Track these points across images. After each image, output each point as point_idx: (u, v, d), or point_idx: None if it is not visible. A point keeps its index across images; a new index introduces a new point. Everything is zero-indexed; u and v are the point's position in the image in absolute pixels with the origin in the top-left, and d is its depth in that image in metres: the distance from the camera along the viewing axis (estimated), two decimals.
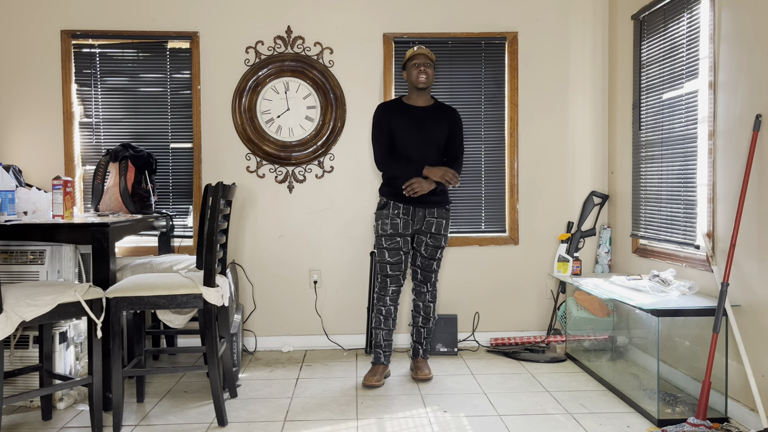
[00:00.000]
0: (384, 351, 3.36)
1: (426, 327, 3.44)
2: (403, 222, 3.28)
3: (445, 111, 3.41)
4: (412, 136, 3.31)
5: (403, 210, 3.28)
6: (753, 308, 2.62)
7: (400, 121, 3.32)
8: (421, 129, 3.32)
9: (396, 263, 3.28)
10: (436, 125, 3.33)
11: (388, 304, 3.32)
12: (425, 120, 3.33)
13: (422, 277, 3.38)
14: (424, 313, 3.42)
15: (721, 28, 2.83)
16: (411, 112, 3.35)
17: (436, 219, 3.32)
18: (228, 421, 2.76)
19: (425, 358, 3.46)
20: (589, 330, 3.63)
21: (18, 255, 3.05)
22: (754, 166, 2.61)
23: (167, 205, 3.95)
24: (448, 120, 3.38)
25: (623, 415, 2.82)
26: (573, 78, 4.02)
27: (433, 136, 3.32)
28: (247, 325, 3.98)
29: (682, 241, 3.16)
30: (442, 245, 3.36)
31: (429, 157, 3.30)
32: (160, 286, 2.64)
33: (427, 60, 3.30)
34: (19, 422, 2.77)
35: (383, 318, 3.33)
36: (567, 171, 4.04)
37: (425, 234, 3.32)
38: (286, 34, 3.93)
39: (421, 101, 3.37)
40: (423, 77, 3.28)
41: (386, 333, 3.35)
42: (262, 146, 3.91)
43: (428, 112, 3.36)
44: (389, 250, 3.27)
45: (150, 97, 3.93)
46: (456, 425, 2.71)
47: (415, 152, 3.30)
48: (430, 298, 3.41)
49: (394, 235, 3.26)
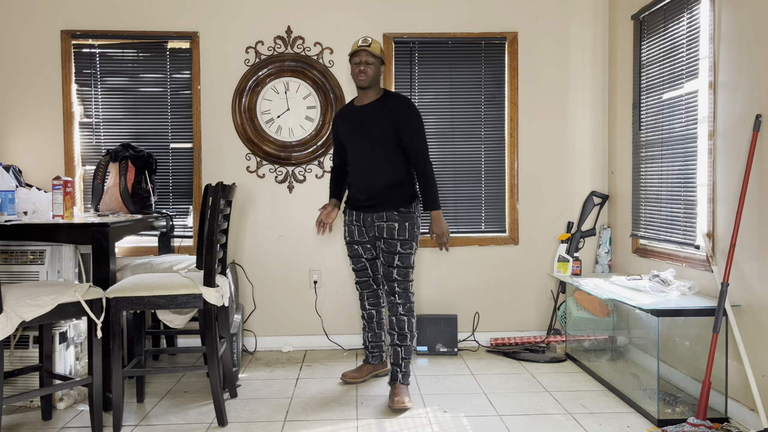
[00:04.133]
0: (371, 351, 3.36)
1: (403, 345, 3.03)
2: (357, 229, 3.16)
3: (390, 102, 3.02)
4: (352, 141, 3.06)
5: (355, 217, 3.16)
6: (753, 308, 2.62)
7: (344, 127, 3.11)
8: (360, 131, 3.02)
9: (360, 269, 3.25)
10: (377, 122, 2.98)
11: (368, 308, 3.31)
12: (365, 119, 3.02)
13: (386, 286, 3.06)
14: (398, 329, 3.03)
15: (721, 28, 2.83)
16: (353, 114, 3.08)
17: (386, 223, 3.01)
18: (228, 421, 2.76)
19: (404, 383, 3.03)
20: (589, 330, 3.63)
21: (18, 255, 3.05)
22: (754, 166, 2.61)
23: (167, 205, 3.95)
24: (392, 112, 2.98)
25: (623, 415, 2.82)
26: (573, 78, 4.02)
27: (376, 136, 2.98)
28: (247, 325, 3.98)
29: (682, 241, 3.16)
30: (397, 251, 3.00)
31: (374, 162, 2.99)
32: (160, 286, 2.64)
33: (368, 56, 2.98)
34: (19, 422, 2.77)
35: (366, 321, 3.35)
36: (567, 171, 4.04)
37: (380, 240, 3.05)
38: (286, 34, 3.93)
39: (367, 99, 3.07)
40: (362, 77, 3.00)
41: (371, 335, 3.34)
42: (262, 146, 3.91)
43: (371, 108, 3.03)
44: (351, 257, 3.26)
45: (150, 97, 3.93)
46: (456, 425, 2.71)
47: (356, 158, 3.06)
48: (403, 311, 3.02)
49: (351, 243, 3.21)
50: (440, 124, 4.00)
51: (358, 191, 3.09)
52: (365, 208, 3.08)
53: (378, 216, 3.04)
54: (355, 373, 3.31)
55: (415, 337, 3.33)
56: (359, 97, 3.12)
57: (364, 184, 3.05)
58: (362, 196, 3.08)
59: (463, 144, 4.01)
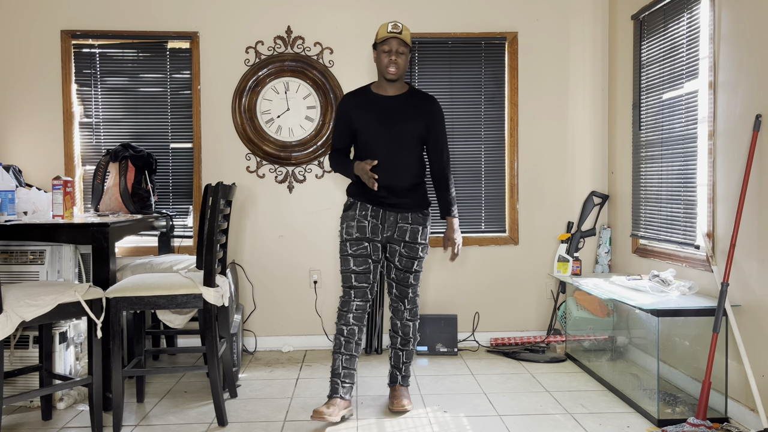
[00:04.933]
0: (343, 382, 2.79)
1: (405, 350, 2.95)
2: (372, 225, 2.79)
3: (422, 101, 2.86)
4: (379, 134, 2.79)
5: (372, 212, 2.80)
6: (753, 308, 2.62)
7: (365, 116, 2.81)
8: (390, 124, 2.79)
9: (363, 273, 2.78)
10: (411, 119, 2.81)
11: (351, 323, 2.79)
12: (396, 113, 2.81)
13: (398, 292, 2.89)
14: (402, 334, 2.93)
15: (721, 28, 2.83)
16: (379, 104, 2.83)
17: (411, 225, 2.81)
18: (228, 421, 2.76)
19: (404, 385, 2.98)
20: (589, 330, 3.63)
21: (18, 255, 3.05)
22: (754, 166, 2.61)
23: (167, 205, 3.95)
24: (425, 112, 2.85)
25: (623, 415, 2.82)
26: (573, 78, 4.02)
27: (407, 133, 2.80)
28: (247, 325, 3.98)
29: (682, 241, 3.16)
30: (419, 256, 2.84)
31: (401, 160, 2.80)
32: (160, 286, 2.64)
33: (400, 45, 2.74)
34: (19, 422, 2.77)
35: (344, 340, 2.79)
36: (567, 171, 4.04)
37: (398, 243, 2.82)
38: (286, 34, 3.93)
39: (392, 90, 2.85)
40: (393, 69, 2.76)
41: (347, 359, 2.79)
42: (262, 146, 3.91)
43: (401, 102, 2.84)
44: (355, 257, 2.78)
45: (150, 97, 3.93)
46: (456, 425, 2.71)
47: (383, 153, 2.78)
48: (409, 317, 2.91)
49: (361, 240, 2.78)
50: None
51: (381, 187, 2.78)
52: (387, 206, 2.80)
53: (402, 216, 2.82)
54: (330, 408, 2.70)
55: (418, 339, 3.12)
56: (382, 85, 2.85)
57: (388, 181, 2.78)
58: (384, 192, 2.79)
59: (463, 144, 4.01)
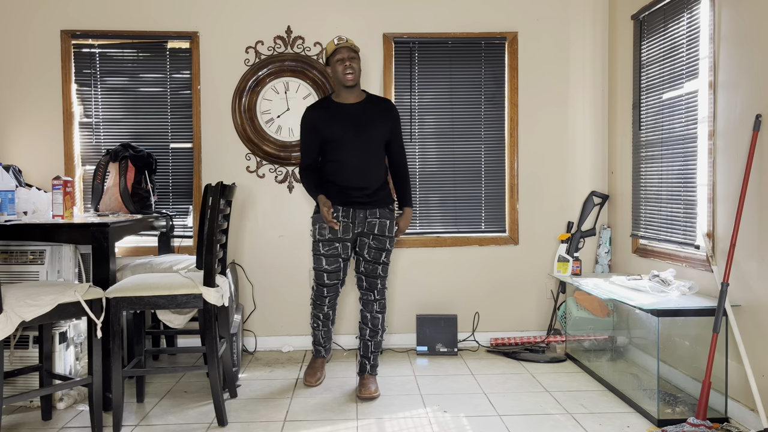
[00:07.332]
0: (324, 346, 3.34)
1: (374, 340, 3.16)
2: (343, 226, 3.03)
3: (381, 106, 3.12)
4: (349, 140, 3.01)
5: (342, 212, 3.05)
6: (753, 308, 2.62)
7: (333, 125, 3.03)
8: (358, 131, 3.02)
9: (334, 271, 3.08)
10: (376, 124, 3.06)
11: (326, 310, 3.21)
12: (363, 120, 3.04)
13: (367, 284, 3.11)
14: (371, 325, 3.14)
15: (721, 28, 2.83)
16: (344, 113, 3.05)
17: (379, 219, 3.07)
18: (228, 421, 2.76)
19: (372, 374, 3.15)
20: (589, 330, 3.63)
21: (18, 255, 3.05)
22: (754, 166, 2.61)
23: (167, 205, 3.95)
24: (387, 116, 3.11)
25: (623, 415, 2.82)
26: (573, 78, 4.02)
27: (375, 138, 3.05)
28: (247, 325, 3.98)
29: (682, 241, 3.16)
30: (387, 248, 3.09)
31: (370, 163, 3.04)
32: (160, 286, 2.64)
33: (351, 53, 3.01)
34: (19, 422, 2.77)
35: (321, 322, 3.26)
36: (567, 171, 4.04)
37: (368, 236, 3.06)
38: (286, 34, 3.93)
39: (352, 98, 3.09)
40: (350, 73, 3.00)
41: (325, 331, 3.30)
42: (262, 146, 3.91)
43: (364, 109, 3.07)
44: (327, 257, 3.06)
45: (150, 97, 3.93)
46: (456, 425, 2.71)
47: (354, 158, 3.02)
48: (378, 308, 3.14)
49: (333, 240, 3.04)
50: (440, 125, 4.00)
51: (353, 189, 3.05)
52: (359, 204, 3.06)
53: (371, 212, 3.07)
54: (316, 375, 3.25)
55: (386, 331, 3.32)
56: (342, 94, 3.10)
57: (360, 182, 3.05)
58: (357, 193, 3.06)
59: (463, 144, 4.01)
